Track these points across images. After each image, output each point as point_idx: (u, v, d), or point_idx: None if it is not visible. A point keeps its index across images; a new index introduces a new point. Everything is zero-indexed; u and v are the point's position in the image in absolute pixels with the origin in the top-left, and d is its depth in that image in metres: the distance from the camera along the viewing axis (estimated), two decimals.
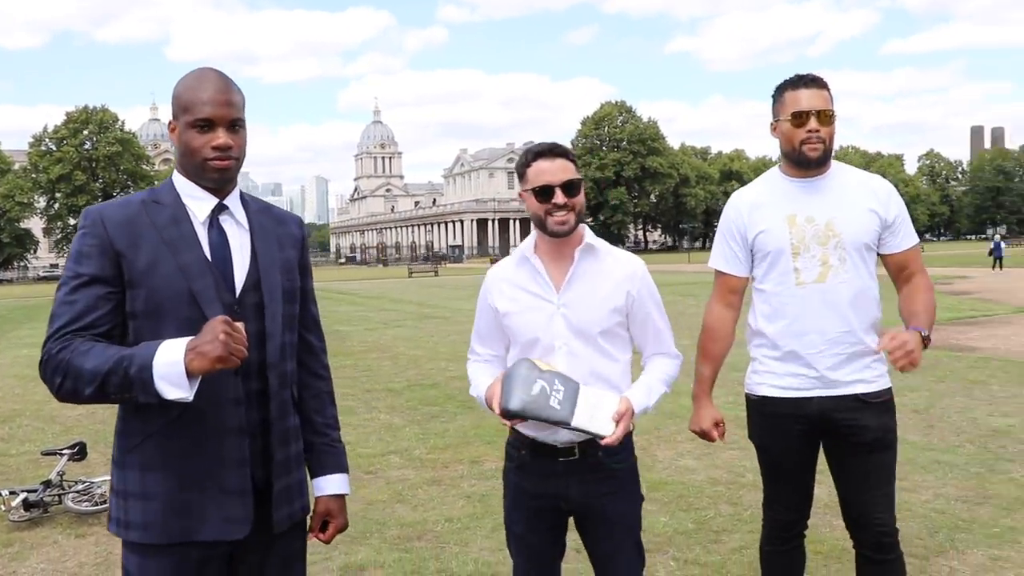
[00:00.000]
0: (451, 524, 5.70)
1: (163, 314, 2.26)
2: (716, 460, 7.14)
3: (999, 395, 9.44)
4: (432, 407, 9.79)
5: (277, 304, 2.45)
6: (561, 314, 2.88)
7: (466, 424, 8.82)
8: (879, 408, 3.25)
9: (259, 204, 2.56)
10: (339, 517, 2.65)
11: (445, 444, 8.02)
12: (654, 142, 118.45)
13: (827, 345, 3.21)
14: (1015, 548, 4.94)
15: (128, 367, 2.12)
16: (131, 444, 2.32)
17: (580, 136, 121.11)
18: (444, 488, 6.58)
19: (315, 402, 2.66)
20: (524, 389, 2.69)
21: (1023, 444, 7.29)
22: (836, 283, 3.19)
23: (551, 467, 2.92)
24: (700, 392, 3.51)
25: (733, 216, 3.40)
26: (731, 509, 5.86)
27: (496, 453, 7.52)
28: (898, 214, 3.27)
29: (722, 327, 3.49)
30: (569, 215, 2.83)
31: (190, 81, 2.37)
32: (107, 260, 2.26)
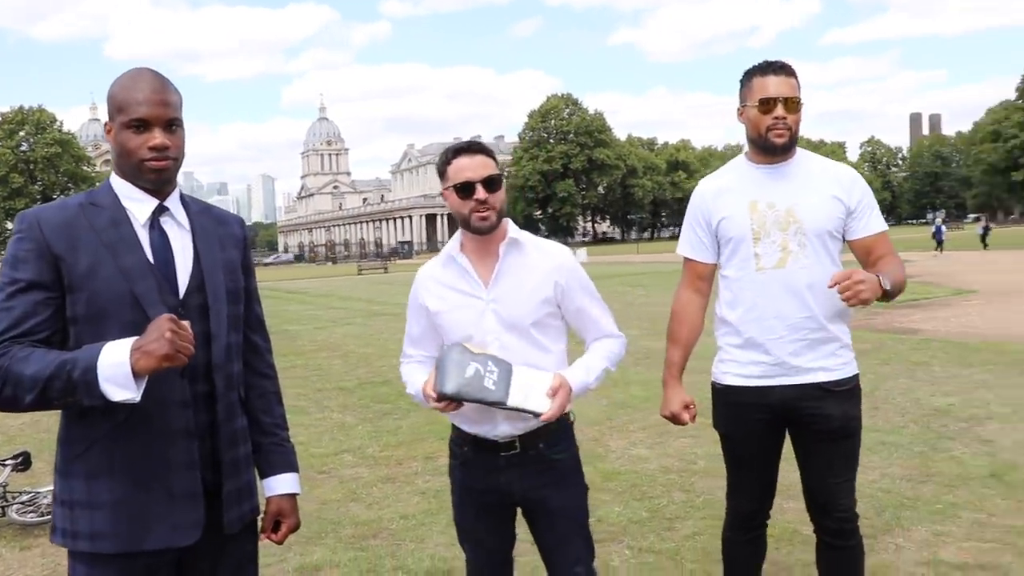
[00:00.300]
0: (406, 521, 5.69)
1: (105, 318, 2.22)
2: (668, 448, 7.20)
3: (940, 376, 9.64)
4: (384, 405, 9.76)
5: (221, 305, 2.42)
6: (491, 310, 2.90)
7: (419, 421, 8.80)
8: (843, 396, 3.25)
9: (200, 205, 2.53)
10: (291, 517, 2.64)
11: (398, 441, 7.99)
12: (601, 134, 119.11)
13: (787, 331, 3.21)
14: (956, 523, 5.06)
15: (71, 370, 2.08)
16: (75, 452, 2.28)
17: (527, 129, 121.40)
18: (398, 485, 6.57)
19: (262, 402, 2.63)
20: (458, 372, 2.71)
21: (963, 423, 7.46)
22: (796, 268, 3.19)
23: (493, 462, 2.95)
24: (669, 377, 3.55)
25: (698, 203, 3.43)
26: (684, 496, 5.91)
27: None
28: (861, 199, 3.26)
29: (689, 311, 3.51)
30: (491, 211, 2.86)
31: (125, 81, 2.33)
32: (45, 264, 2.22)
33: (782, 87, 3.16)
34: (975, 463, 6.25)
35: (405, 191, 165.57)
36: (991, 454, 6.47)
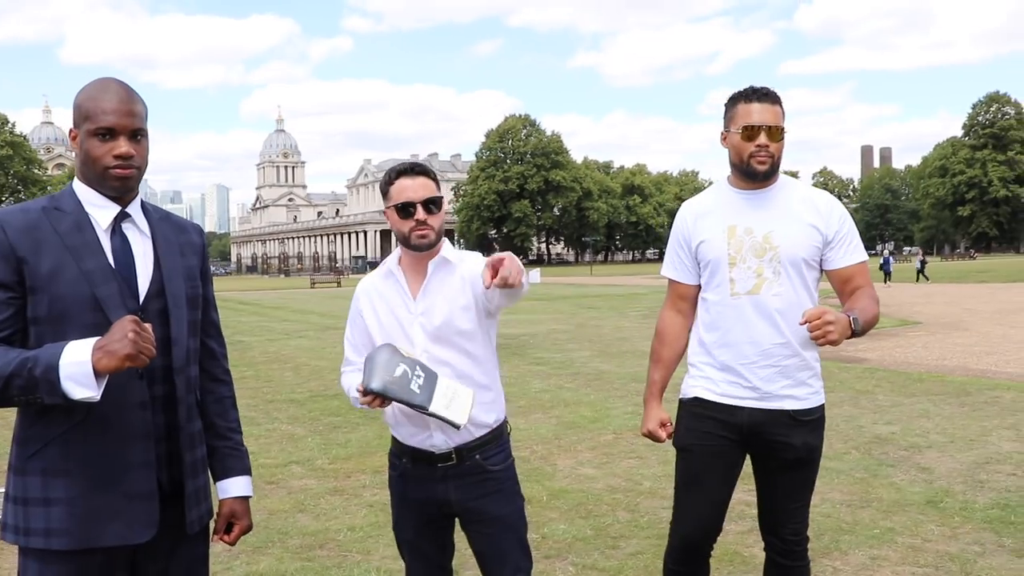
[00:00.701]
0: (353, 533, 5.71)
1: (67, 320, 2.26)
2: (615, 468, 7.29)
3: (883, 404, 9.85)
4: (334, 417, 9.74)
5: (181, 310, 2.47)
6: (419, 323, 2.99)
7: (369, 435, 8.80)
8: (809, 426, 3.26)
9: (160, 212, 2.58)
10: (244, 519, 2.69)
11: (347, 454, 7.99)
12: (557, 155, 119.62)
13: (760, 357, 3.20)
14: (892, 548, 5.19)
15: (32, 368, 2.11)
16: (32, 449, 2.31)
17: (484, 148, 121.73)
18: (346, 497, 6.58)
19: (217, 406, 2.69)
20: (386, 370, 2.76)
21: (904, 450, 7.64)
22: (769, 295, 3.19)
23: (431, 473, 3.02)
24: (649, 396, 3.54)
25: (680, 225, 3.45)
26: (629, 516, 5.99)
27: None
28: (839, 229, 3.24)
29: (671, 331, 3.51)
30: (429, 231, 2.95)
31: (92, 91, 2.38)
32: (7, 266, 2.24)
33: (766, 115, 3.16)
34: (913, 490, 6.40)
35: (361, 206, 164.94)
36: (928, 481, 6.64)
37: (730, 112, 3.26)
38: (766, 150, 3.15)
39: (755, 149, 3.15)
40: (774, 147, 3.17)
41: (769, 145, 3.15)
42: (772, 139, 3.16)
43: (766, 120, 3.15)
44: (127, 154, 2.33)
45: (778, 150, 3.19)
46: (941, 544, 5.23)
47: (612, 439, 8.34)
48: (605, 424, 8.91)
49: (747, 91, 3.24)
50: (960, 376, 11.84)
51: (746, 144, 3.17)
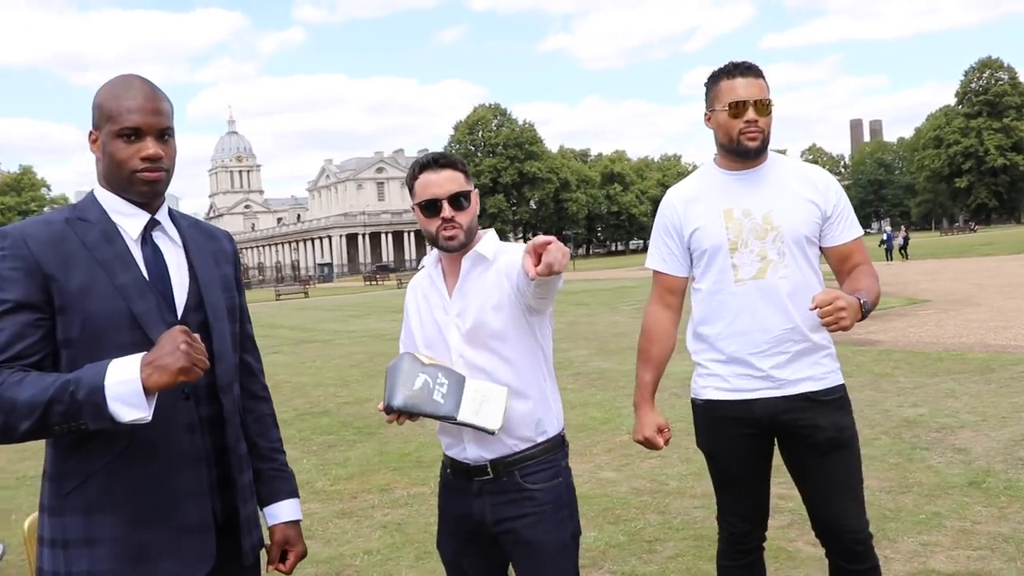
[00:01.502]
0: (371, 557, 5.70)
1: (102, 339, 2.20)
2: (637, 470, 7.33)
3: (906, 386, 9.95)
4: (327, 436, 9.73)
5: (223, 323, 2.45)
6: (455, 324, 2.92)
7: (368, 451, 8.81)
8: (831, 406, 3.24)
9: (188, 219, 2.55)
10: (298, 544, 2.66)
11: (348, 474, 7.99)
12: (532, 146, 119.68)
13: (771, 343, 3.20)
14: (942, 532, 5.27)
15: (75, 391, 2.03)
16: (71, 486, 2.24)
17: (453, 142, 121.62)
18: (356, 520, 6.57)
19: (258, 426, 2.66)
20: (407, 384, 2.71)
21: (935, 432, 7.74)
22: (776, 278, 3.19)
23: (467, 487, 2.94)
24: (641, 399, 3.50)
25: (668, 213, 3.41)
26: (660, 518, 6.03)
27: (404, 479, 7.58)
28: (837, 204, 3.27)
29: (660, 328, 3.50)
30: (457, 230, 2.86)
31: (114, 88, 2.34)
32: (34, 284, 2.18)
33: (752, 89, 3.18)
34: (952, 472, 6.50)
35: (323, 210, 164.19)
36: (967, 462, 6.73)
37: (712, 90, 3.27)
38: (755, 125, 3.17)
39: (744, 125, 3.17)
40: (763, 121, 3.19)
41: (758, 120, 3.17)
42: (760, 113, 3.18)
43: (752, 94, 3.17)
44: (155, 155, 2.29)
45: (767, 124, 3.21)
46: (992, 525, 5.31)
47: (627, 439, 8.35)
48: (617, 424, 8.94)
49: (728, 67, 3.26)
50: (981, 353, 11.98)
51: (734, 121, 3.18)
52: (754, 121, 3.17)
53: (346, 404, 11.96)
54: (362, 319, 30.53)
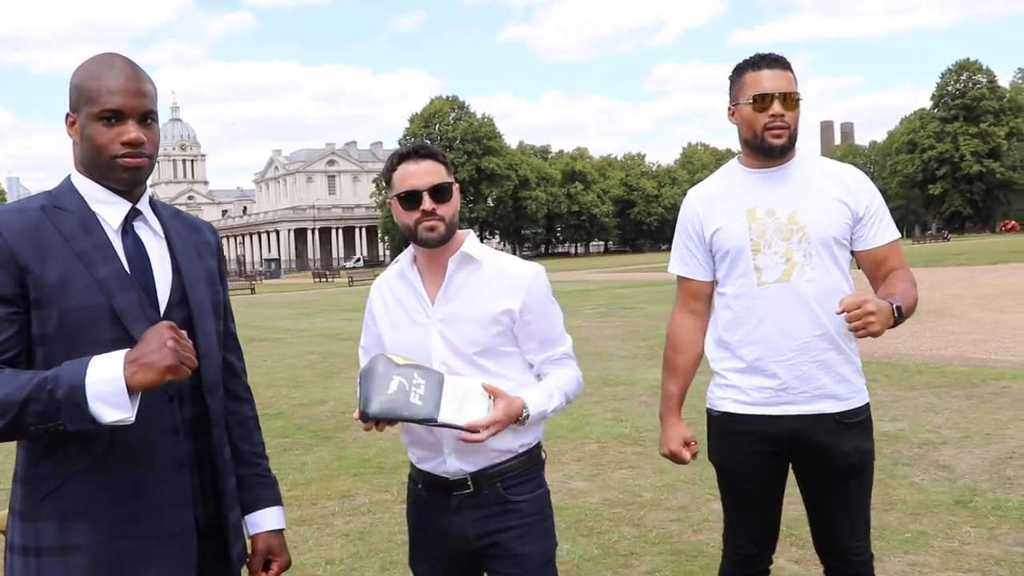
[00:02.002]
0: (333, 567, 5.67)
1: (80, 336, 2.15)
2: (608, 480, 7.35)
3: (884, 399, 10.03)
4: (282, 439, 9.65)
5: (209, 320, 2.42)
6: (438, 331, 2.87)
7: (325, 456, 8.76)
8: (856, 429, 3.20)
9: (169, 209, 2.51)
10: (283, 555, 2.63)
11: (306, 479, 7.93)
12: (490, 141, 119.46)
13: (796, 352, 3.14)
14: (929, 552, 5.32)
15: (53, 390, 1.99)
16: (45, 490, 2.19)
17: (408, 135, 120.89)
18: (317, 527, 6.53)
19: (241, 428, 2.63)
20: (381, 389, 2.64)
21: (917, 448, 7.83)
22: (802, 281, 3.13)
23: (445, 502, 2.90)
24: (666, 411, 3.46)
25: (688, 214, 3.37)
26: (635, 531, 6.05)
27: (366, 486, 7.54)
28: (870, 205, 3.19)
29: (686, 336, 3.43)
30: (438, 223, 2.82)
31: (94, 68, 2.29)
32: (8, 276, 2.13)
33: (778, 81, 3.12)
34: (936, 490, 6.57)
35: (271, 203, 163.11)
36: (951, 480, 6.81)
37: (737, 83, 3.22)
38: (781, 119, 3.11)
39: (769, 120, 3.11)
40: (790, 116, 3.13)
41: (784, 114, 3.11)
42: (787, 107, 3.12)
43: (779, 87, 3.11)
44: (137, 140, 2.24)
45: (794, 120, 3.15)
46: (981, 547, 5.37)
47: (597, 448, 8.41)
48: (586, 432, 8.95)
49: (754, 58, 3.21)
50: (960, 366, 12.15)
51: (758, 115, 3.13)
52: (780, 115, 3.11)
53: (300, 406, 11.89)
54: (313, 317, 30.34)
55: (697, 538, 5.81)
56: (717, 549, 5.45)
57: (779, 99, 3.11)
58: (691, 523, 6.10)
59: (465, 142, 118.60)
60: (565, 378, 2.96)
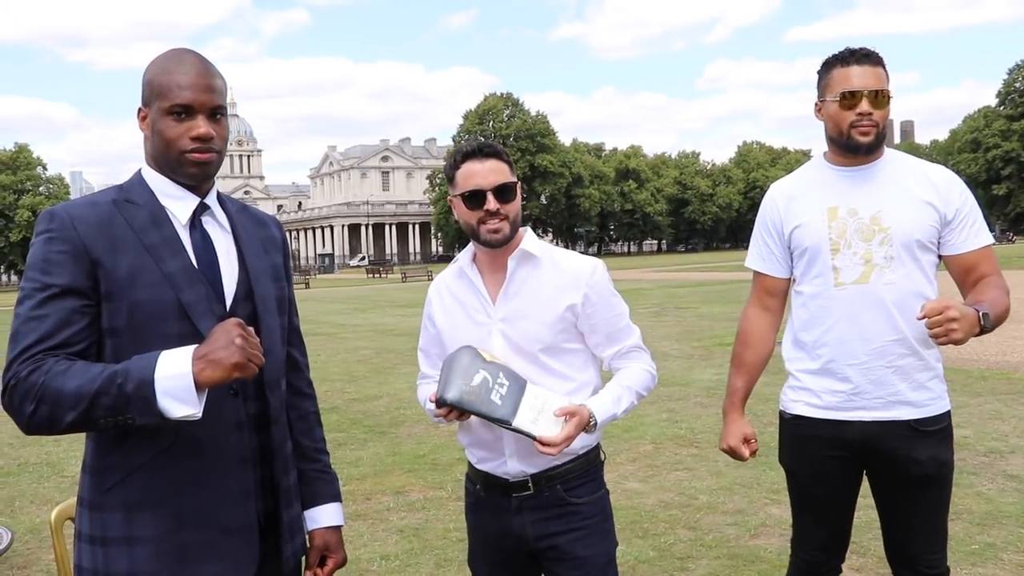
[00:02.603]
0: (388, 562, 5.69)
1: (148, 330, 2.17)
2: (664, 482, 7.30)
3: None
4: (337, 434, 9.69)
5: (273, 315, 2.43)
6: (499, 330, 2.86)
7: (380, 451, 8.80)
8: (934, 438, 3.12)
9: (236, 204, 2.52)
10: (338, 552, 2.63)
11: (361, 474, 7.97)
12: (544, 138, 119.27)
13: (871, 356, 3.08)
14: (999, 566, 5.20)
15: (123, 384, 2.00)
16: (111, 481, 2.22)
17: (462, 132, 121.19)
18: (371, 523, 6.55)
19: (303, 423, 2.64)
20: (464, 378, 2.64)
21: (983, 456, 7.67)
22: (880, 284, 3.07)
23: (505, 503, 2.90)
24: (730, 406, 3.43)
25: (769, 209, 3.34)
26: (691, 534, 6.00)
27: (420, 482, 7.56)
28: (960, 208, 3.09)
29: (756, 331, 3.41)
30: (503, 223, 2.81)
31: (166, 63, 2.31)
32: (81, 269, 2.15)
33: (867, 78, 3.04)
34: (1005, 500, 6.42)
35: (326, 198, 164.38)
36: (1020, 490, 6.65)
37: (824, 79, 3.16)
38: (869, 118, 3.04)
39: (856, 118, 3.04)
40: (878, 115, 3.05)
41: (872, 112, 3.04)
42: (876, 105, 3.04)
43: (868, 84, 3.03)
44: (207, 135, 2.25)
45: (883, 118, 3.08)
46: None
47: (652, 449, 8.35)
48: (641, 433, 8.89)
49: (843, 53, 3.13)
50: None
51: (845, 113, 3.06)
52: (867, 114, 3.04)
53: (355, 401, 11.96)
54: (366, 313, 30.56)
55: (755, 543, 5.75)
56: (775, 554, 5.41)
57: (867, 97, 3.03)
58: (748, 527, 6.03)
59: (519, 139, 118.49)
60: (635, 374, 2.93)
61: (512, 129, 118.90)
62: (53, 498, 7.47)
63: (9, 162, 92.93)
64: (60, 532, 3.06)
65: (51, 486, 8.07)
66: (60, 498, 6.93)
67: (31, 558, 6.07)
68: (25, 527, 6.76)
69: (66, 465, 8.72)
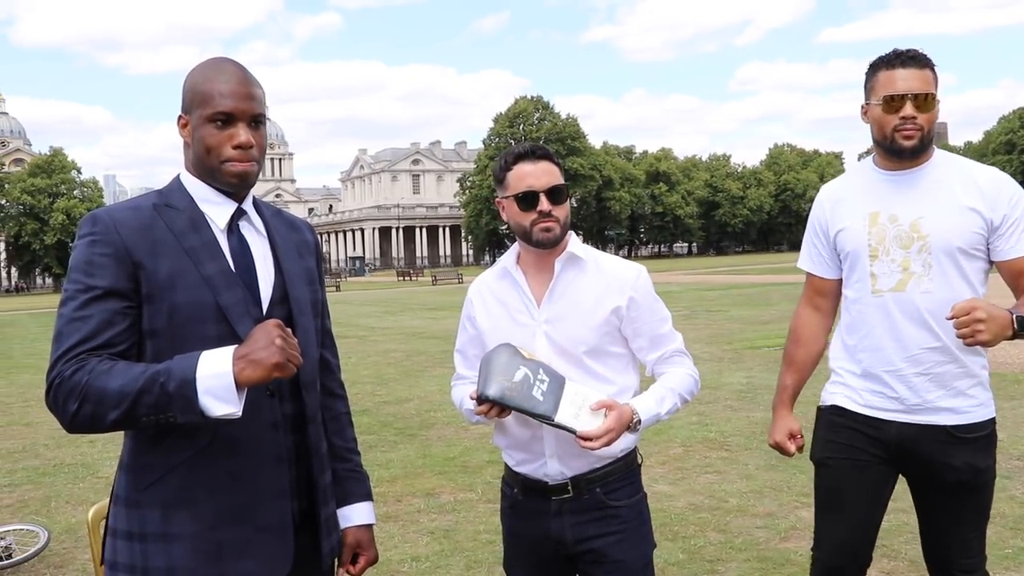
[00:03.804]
0: (419, 564, 5.73)
1: (187, 331, 2.22)
2: (693, 485, 7.30)
3: None
4: (368, 436, 9.75)
5: (308, 318, 2.47)
6: (543, 332, 2.88)
7: (411, 453, 8.86)
8: (974, 445, 3.08)
9: (271, 209, 2.57)
10: (370, 549, 2.68)
11: (392, 476, 8.03)
12: (574, 141, 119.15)
13: (907, 363, 3.07)
14: None
15: (165, 383, 2.06)
16: (149, 479, 2.27)
17: (493, 135, 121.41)
18: (402, 524, 6.60)
19: (335, 424, 2.68)
20: (505, 374, 2.67)
21: (1017, 460, 7.64)
22: (917, 293, 3.04)
23: (544, 507, 2.91)
24: (779, 403, 3.47)
25: (818, 212, 3.35)
26: (720, 537, 6.01)
27: (451, 484, 7.59)
28: (1008, 213, 3.01)
29: (807, 330, 3.43)
30: (554, 224, 2.83)
31: (207, 71, 2.36)
32: (123, 271, 2.20)
33: (912, 81, 3.00)
34: None
35: (356, 201, 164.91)
36: None
37: (871, 81, 3.12)
38: (913, 122, 2.99)
39: (899, 122, 3.00)
40: (923, 118, 3.00)
41: (917, 116, 2.99)
42: (921, 109, 3.00)
43: (912, 87, 2.99)
44: (247, 143, 2.30)
45: (928, 121, 3.02)
46: None
47: (682, 452, 8.37)
48: (671, 436, 8.92)
49: (889, 56, 3.09)
50: None
51: (889, 116, 3.02)
52: (911, 118, 2.99)
53: (385, 403, 12.04)
54: (397, 315, 30.69)
55: (785, 546, 5.75)
56: (805, 558, 5.38)
57: (911, 100, 2.99)
58: (778, 530, 6.03)
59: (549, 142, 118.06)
60: (679, 378, 2.96)
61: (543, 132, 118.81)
62: (88, 498, 7.57)
63: (44, 166, 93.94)
64: (97, 531, 3.07)
65: (86, 487, 8.19)
66: (95, 498, 7.02)
67: (67, 557, 6.18)
68: (61, 527, 6.86)
69: (101, 466, 8.84)
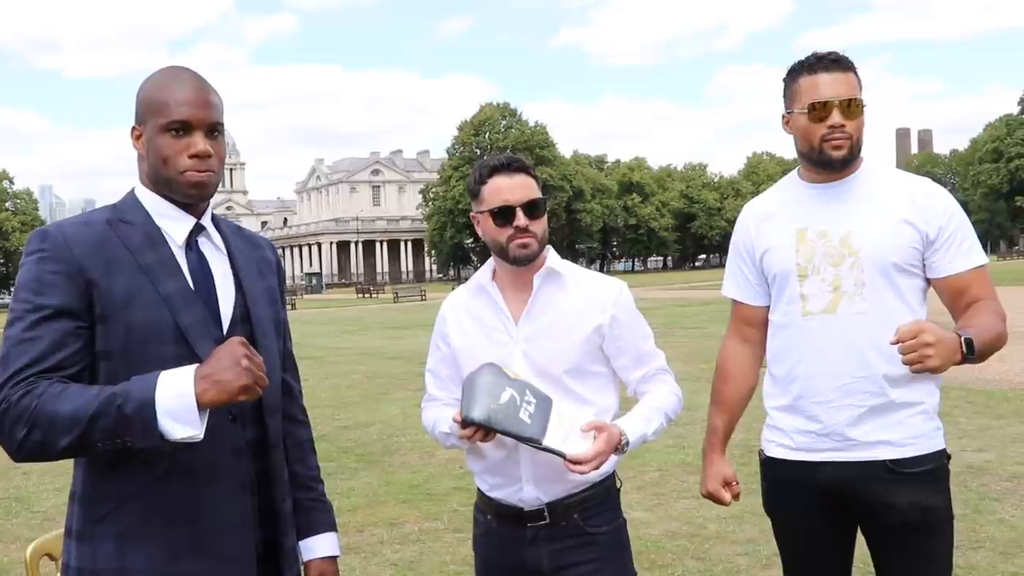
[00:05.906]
0: None
1: (145, 353, 2.21)
2: (670, 511, 7.36)
3: (968, 428, 9.94)
4: (327, 463, 9.55)
5: (271, 339, 2.49)
6: (522, 351, 2.89)
7: (372, 481, 8.85)
8: (916, 481, 2.90)
9: (231, 226, 2.58)
10: None
11: (353, 505, 8.02)
12: (543, 150, 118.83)
13: (838, 394, 2.93)
14: None
15: (122, 405, 2.04)
16: (103, 511, 2.25)
17: (457, 143, 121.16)
18: (364, 556, 6.60)
19: (297, 451, 2.67)
20: (490, 396, 2.64)
21: (1006, 481, 7.73)
22: (850, 313, 2.91)
23: (519, 534, 2.91)
24: (709, 447, 3.29)
25: (741, 232, 3.23)
26: (699, 565, 6.06)
27: (415, 513, 7.60)
28: (944, 226, 2.91)
29: (735, 364, 3.28)
30: (531, 239, 2.84)
31: (161, 80, 2.37)
32: (75, 289, 2.19)
33: (838, 86, 2.89)
34: None
35: (313, 214, 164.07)
36: None
37: (791, 88, 3.02)
38: (842, 130, 2.89)
39: (827, 131, 2.89)
40: (851, 126, 2.90)
41: (845, 124, 2.89)
42: (848, 116, 2.89)
43: (839, 93, 2.89)
44: (205, 152, 2.30)
45: (857, 129, 2.92)
46: None
47: (658, 476, 8.42)
48: (646, 459, 8.94)
49: (810, 60, 2.99)
50: None
51: (815, 126, 2.91)
52: (840, 126, 2.88)
53: (345, 428, 12.00)
54: (356, 335, 30.59)
55: (766, 573, 5.80)
56: None
57: (839, 107, 2.89)
58: (760, 557, 6.08)
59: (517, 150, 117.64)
60: (663, 396, 2.99)
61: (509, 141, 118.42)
62: (22, 535, 7.43)
63: None
64: (35, 569, 3.00)
65: (20, 522, 8.05)
66: (30, 535, 6.92)
67: None
68: None
69: (36, 500, 8.72)
